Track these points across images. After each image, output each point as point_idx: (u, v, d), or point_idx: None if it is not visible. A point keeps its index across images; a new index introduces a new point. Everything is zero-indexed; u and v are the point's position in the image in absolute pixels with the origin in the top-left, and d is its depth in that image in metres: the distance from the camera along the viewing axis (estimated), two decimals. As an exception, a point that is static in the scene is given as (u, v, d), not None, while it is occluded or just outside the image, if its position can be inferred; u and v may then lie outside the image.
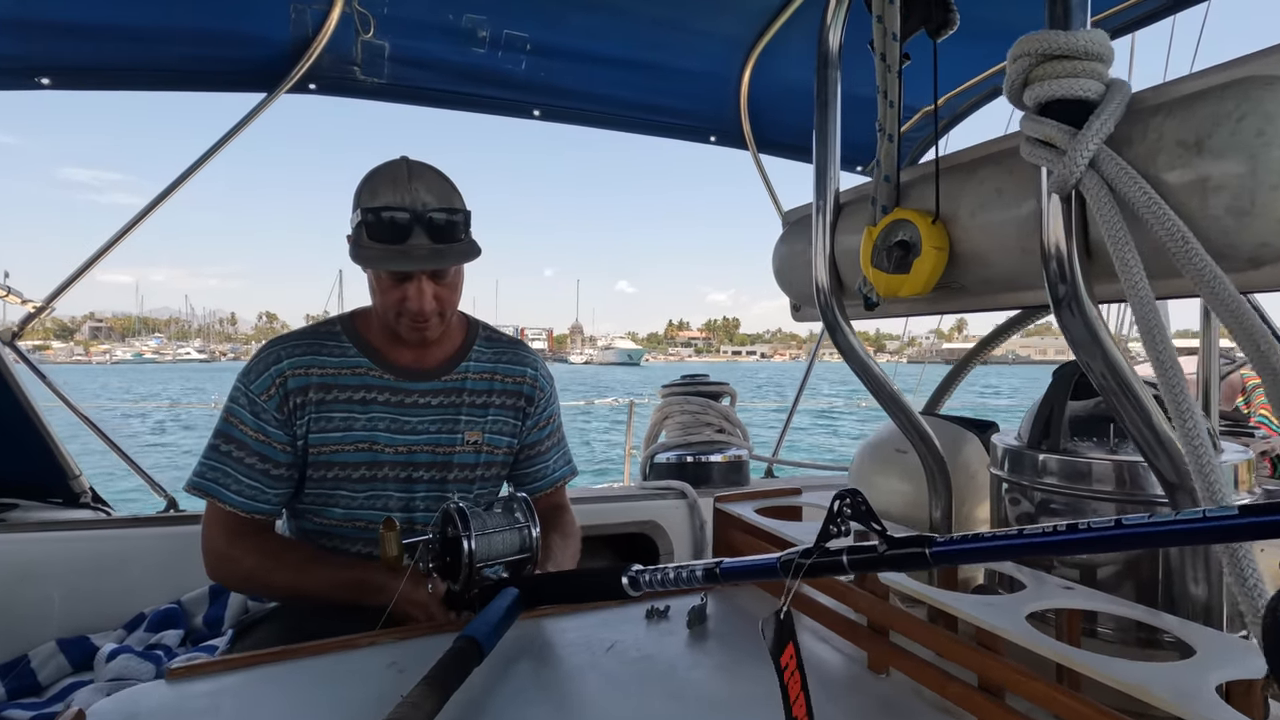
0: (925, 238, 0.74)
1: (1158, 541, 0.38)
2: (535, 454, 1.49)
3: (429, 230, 1.21)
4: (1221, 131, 0.52)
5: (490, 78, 2.35)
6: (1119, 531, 0.39)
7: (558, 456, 1.54)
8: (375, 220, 1.21)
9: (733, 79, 2.54)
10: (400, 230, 1.20)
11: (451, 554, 1.07)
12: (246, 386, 1.29)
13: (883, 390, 0.99)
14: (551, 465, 1.52)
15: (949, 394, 1.38)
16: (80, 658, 1.53)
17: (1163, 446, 0.67)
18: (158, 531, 1.80)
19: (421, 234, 1.21)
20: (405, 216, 1.20)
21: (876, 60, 0.83)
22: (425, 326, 1.29)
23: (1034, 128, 0.61)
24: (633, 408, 3.98)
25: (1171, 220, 0.51)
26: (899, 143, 0.83)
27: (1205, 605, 0.71)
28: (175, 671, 0.85)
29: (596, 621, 1.02)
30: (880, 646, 0.85)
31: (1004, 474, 0.92)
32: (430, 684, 0.74)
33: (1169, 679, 0.57)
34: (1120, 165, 0.55)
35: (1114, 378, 0.66)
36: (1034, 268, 0.68)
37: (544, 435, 1.50)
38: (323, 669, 0.89)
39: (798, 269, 1.05)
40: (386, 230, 1.20)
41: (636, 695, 0.81)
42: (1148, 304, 0.53)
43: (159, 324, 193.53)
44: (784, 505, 1.17)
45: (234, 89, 2.13)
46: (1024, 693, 0.66)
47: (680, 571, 0.72)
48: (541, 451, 1.50)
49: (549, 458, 1.51)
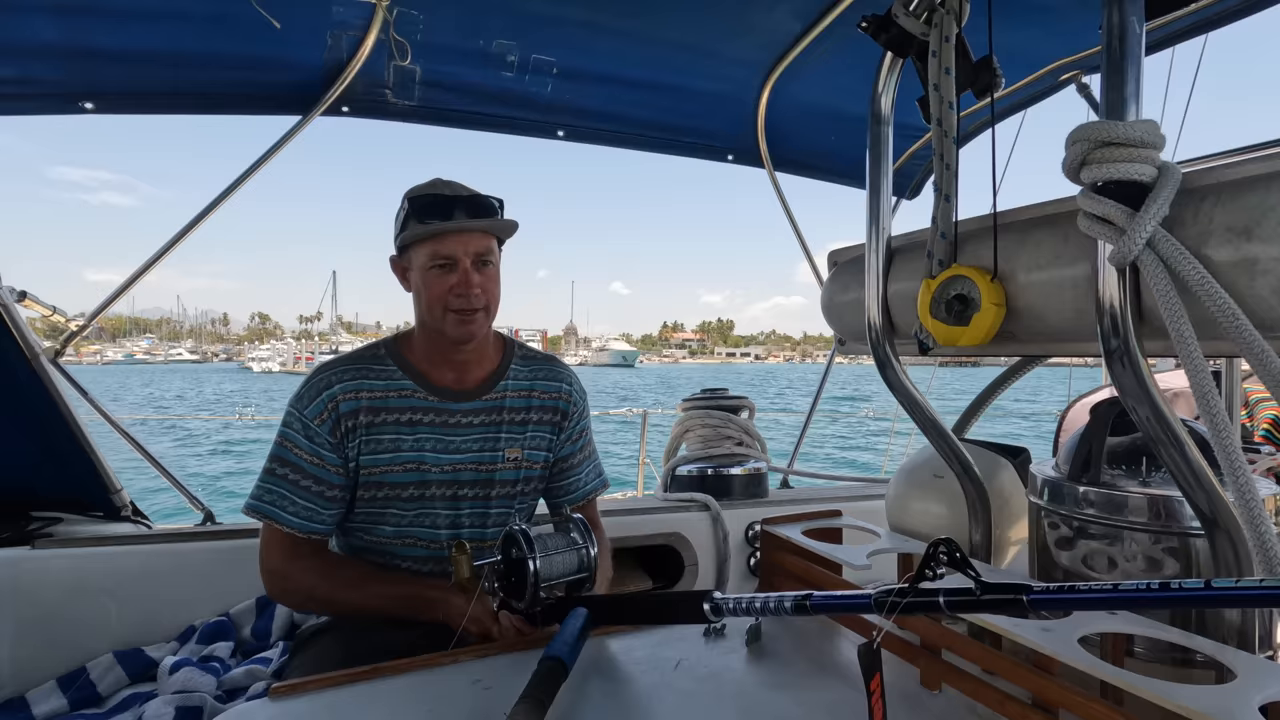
0: (985, 294, 0.81)
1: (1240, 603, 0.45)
2: (568, 467, 1.55)
3: (469, 209, 1.33)
4: (1269, 221, 0.59)
5: (517, 100, 2.42)
6: (1207, 593, 0.45)
7: (590, 469, 1.60)
8: (420, 202, 1.33)
9: (751, 101, 2.62)
10: (444, 206, 1.32)
11: (516, 574, 1.13)
12: (300, 411, 1.34)
13: (926, 420, 1.06)
14: (584, 478, 1.58)
15: (976, 418, 1.45)
16: (137, 669, 1.58)
17: (1200, 485, 0.74)
18: (200, 545, 1.85)
19: (463, 213, 1.32)
20: (447, 196, 1.33)
21: (933, 125, 0.90)
22: (472, 320, 1.35)
23: (1093, 205, 0.68)
24: (646, 418, 4.05)
25: (1223, 297, 0.58)
26: (956, 203, 0.90)
27: (1240, 630, 0.78)
28: (278, 690, 0.91)
29: (658, 639, 1.09)
30: (934, 665, 0.92)
31: (1044, 503, 0.99)
32: (529, 701, 0.80)
33: (1216, 700, 0.64)
34: (1175, 246, 0.62)
35: (1158, 423, 0.73)
36: (1086, 323, 0.75)
37: (577, 449, 1.56)
38: (412, 686, 0.95)
39: (847, 308, 1.12)
40: (431, 207, 1.32)
41: (711, 711, 0.87)
42: (1200, 369, 0.60)
43: (150, 324, 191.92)
44: (827, 527, 1.24)
45: (270, 112, 2.18)
46: (1079, 712, 0.73)
47: (768, 601, 0.78)
48: (574, 465, 1.56)
49: (581, 470, 1.57)
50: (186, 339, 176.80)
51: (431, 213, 1.31)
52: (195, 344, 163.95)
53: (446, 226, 1.30)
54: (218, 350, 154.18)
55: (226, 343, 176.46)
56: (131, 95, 2.05)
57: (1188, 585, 0.47)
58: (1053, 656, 0.75)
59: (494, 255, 1.38)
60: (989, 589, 0.58)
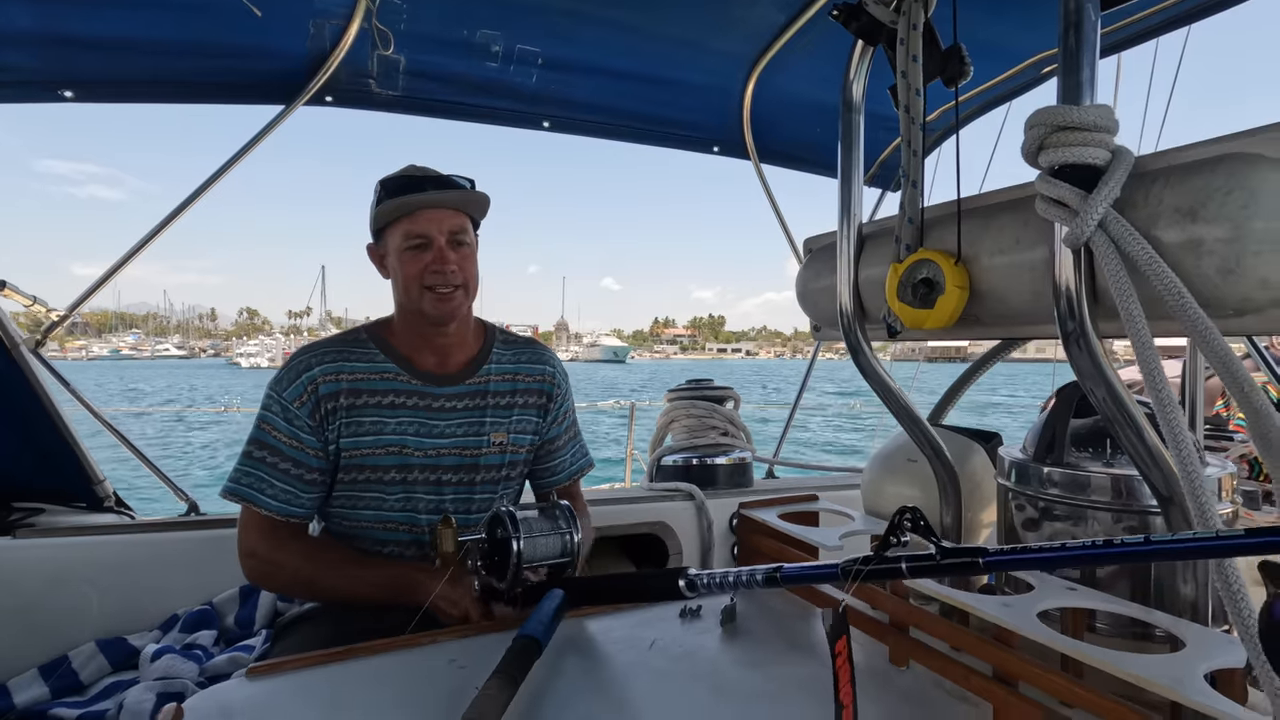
0: (949, 278, 0.83)
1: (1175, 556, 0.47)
2: (554, 449, 1.57)
3: (439, 184, 1.36)
4: (1213, 203, 0.60)
5: (502, 90, 2.42)
6: (1146, 548, 0.47)
7: (574, 450, 1.62)
8: (392, 183, 1.36)
9: (736, 93, 2.63)
10: (414, 183, 1.35)
11: (499, 554, 1.14)
12: (279, 394, 1.35)
13: (899, 406, 1.08)
14: (569, 459, 1.60)
15: (951, 406, 1.47)
16: (119, 658, 1.58)
17: (1156, 463, 0.76)
18: (184, 535, 1.85)
19: (433, 188, 1.35)
20: (417, 176, 1.36)
21: (901, 111, 0.92)
22: (450, 297, 1.36)
23: (1049, 188, 0.70)
24: (634, 410, 4.07)
25: (1169, 277, 0.60)
26: (922, 188, 0.92)
27: (1193, 603, 0.81)
28: (256, 669, 0.92)
29: (635, 620, 1.10)
30: (901, 642, 0.94)
31: (1011, 484, 1.01)
32: (502, 676, 0.81)
33: (1166, 669, 0.66)
34: (1125, 227, 0.63)
35: (1114, 403, 0.75)
36: (1045, 305, 0.76)
37: (562, 430, 1.57)
38: (390, 665, 0.96)
39: (820, 294, 1.13)
40: (402, 184, 1.35)
41: (685, 688, 0.89)
42: (1147, 346, 0.61)
43: (136, 319, 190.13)
44: (803, 510, 1.26)
45: (252, 101, 2.18)
46: (1038, 683, 0.75)
47: (740, 575, 0.80)
48: (559, 446, 1.57)
49: (566, 452, 1.59)
50: (173, 334, 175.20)
51: (403, 191, 1.34)
52: (182, 339, 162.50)
53: (418, 198, 1.33)
54: (205, 346, 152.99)
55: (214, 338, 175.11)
56: (111, 83, 2.04)
57: (1129, 541, 0.49)
58: (1013, 630, 0.77)
59: (468, 235, 1.40)
60: (948, 553, 0.60)
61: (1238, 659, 0.68)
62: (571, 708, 0.85)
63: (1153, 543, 0.48)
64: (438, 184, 1.37)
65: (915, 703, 0.86)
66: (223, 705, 0.85)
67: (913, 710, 0.84)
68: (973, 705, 0.84)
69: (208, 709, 0.84)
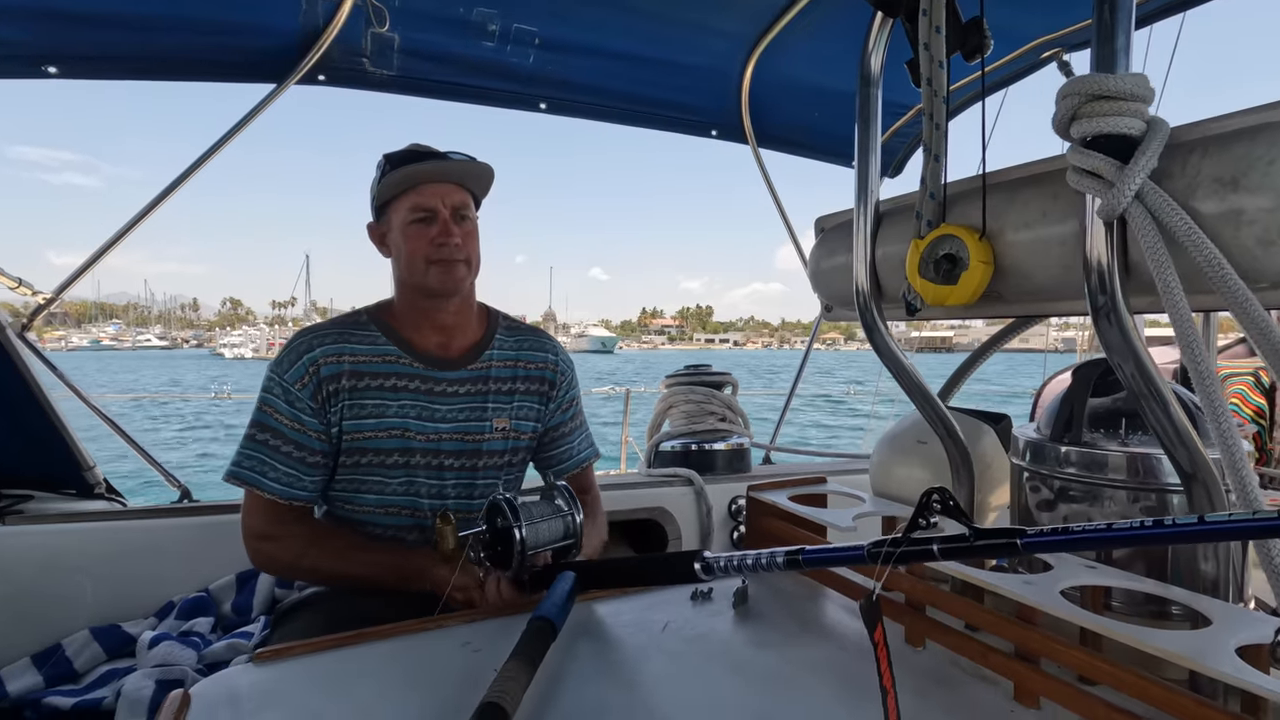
0: (973, 253, 0.82)
1: (1233, 536, 0.46)
2: (559, 436, 1.55)
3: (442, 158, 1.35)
4: (1255, 172, 0.59)
5: (498, 71, 2.38)
6: (1201, 528, 0.46)
7: (581, 439, 1.60)
8: (396, 157, 1.34)
9: (735, 75, 2.60)
10: (418, 157, 1.33)
11: (502, 543, 1.13)
12: (280, 376, 1.32)
13: (913, 384, 1.07)
14: (576, 447, 1.58)
15: (960, 385, 1.47)
16: (114, 645, 1.55)
17: (1182, 441, 0.75)
18: (177, 522, 1.82)
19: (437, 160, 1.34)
20: (421, 151, 1.35)
21: (923, 85, 0.90)
22: (454, 269, 1.35)
23: (1082, 159, 0.68)
24: (629, 396, 4.06)
25: (1209, 248, 0.59)
26: (945, 162, 0.90)
27: (1214, 580, 0.81)
28: (263, 654, 0.90)
29: (646, 603, 1.09)
30: (918, 621, 0.93)
31: (1025, 464, 1.00)
32: (520, 658, 0.80)
33: (1191, 643, 0.66)
34: (1163, 198, 0.62)
35: (1143, 379, 0.74)
36: (1073, 280, 0.75)
37: (567, 418, 1.56)
38: (399, 650, 0.94)
39: (834, 273, 1.12)
40: (406, 157, 1.33)
41: (700, 669, 0.88)
42: (1186, 320, 0.61)
43: (116, 309, 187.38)
44: (812, 493, 1.25)
45: (243, 79, 2.12)
46: (1060, 659, 0.75)
47: (760, 558, 0.78)
48: (565, 434, 1.56)
49: (573, 440, 1.57)
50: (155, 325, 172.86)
51: (406, 161, 1.33)
52: (164, 330, 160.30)
53: (423, 168, 1.32)
54: (188, 336, 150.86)
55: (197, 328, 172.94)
56: (97, 60, 1.98)
57: (1181, 522, 0.48)
58: (1035, 607, 0.76)
59: (471, 211, 1.40)
60: (982, 534, 0.59)
61: (1264, 634, 0.68)
62: (588, 689, 0.83)
63: (1208, 523, 0.46)
64: (442, 158, 1.36)
65: (933, 681, 0.85)
66: (230, 691, 0.83)
67: (931, 689, 0.83)
68: (991, 683, 0.84)
69: (215, 695, 0.82)
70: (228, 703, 0.80)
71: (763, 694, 0.83)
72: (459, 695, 0.79)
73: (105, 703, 1.37)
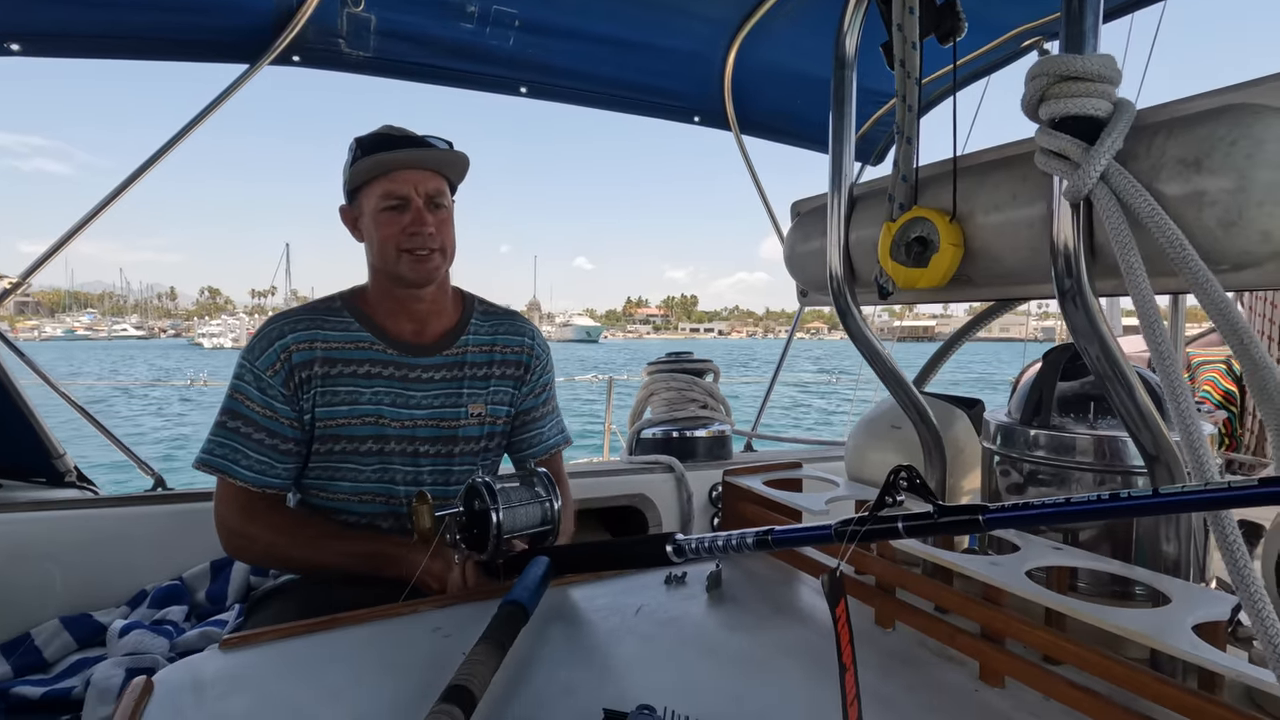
0: (944, 235, 0.82)
1: (1185, 508, 0.46)
2: (530, 420, 1.54)
3: (417, 145, 1.31)
4: (1217, 153, 0.60)
5: (477, 53, 2.34)
6: (1156, 500, 0.47)
7: (552, 424, 1.59)
8: (367, 140, 1.30)
9: (718, 60, 2.58)
10: (391, 141, 1.30)
11: (478, 526, 1.12)
12: (251, 363, 1.31)
13: (886, 370, 1.07)
14: (546, 432, 1.57)
15: (935, 372, 1.48)
16: (84, 634, 1.53)
17: (1146, 423, 0.76)
18: (150, 510, 1.80)
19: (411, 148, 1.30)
20: (395, 135, 1.31)
21: (896, 67, 0.90)
22: (428, 260, 1.33)
23: (1049, 141, 0.68)
24: (612, 384, 4.05)
25: (1171, 229, 0.59)
26: (917, 145, 0.90)
27: (1175, 561, 0.82)
28: (229, 641, 0.89)
29: (620, 588, 1.09)
30: (888, 604, 0.94)
31: (996, 447, 1.01)
32: (489, 642, 0.79)
33: (1151, 621, 0.67)
34: (1128, 179, 0.62)
35: (1107, 362, 0.75)
36: (1041, 263, 0.76)
37: (539, 402, 1.55)
38: (370, 635, 0.94)
39: (809, 257, 1.12)
40: (378, 142, 1.30)
41: (672, 652, 0.88)
42: (1148, 301, 0.61)
43: (91, 299, 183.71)
44: (787, 478, 1.26)
45: (215, 59, 2.08)
46: (1024, 639, 0.76)
47: (730, 539, 0.78)
48: (536, 419, 1.55)
49: (543, 425, 1.56)
50: (131, 314, 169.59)
51: (380, 149, 1.29)
52: (141, 319, 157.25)
53: (395, 157, 1.28)
54: (165, 326, 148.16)
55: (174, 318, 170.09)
56: (63, 37, 1.93)
57: (1136, 494, 0.48)
58: (1001, 587, 0.77)
59: (446, 198, 1.36)
60: (946, 511, 0.59)
61: (1221, 612, 0.69)
62: (559, 671, 0.83)
63: (1162, 495, 0.47)
64: (415, 144, 1.32)
65: (900, 661, 0.86)
66: (195, 678, 0.82)
67: (898, 668, 0.84)
68: (958, 663, 0.85)
69: (179, 681, 0.81)
70: (192, 689, 0.79)
71: (735, 676, 0.83)
72: (429, 679, 0.78)
73: (75, 692, 1.35)
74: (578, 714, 0.72)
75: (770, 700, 0.77)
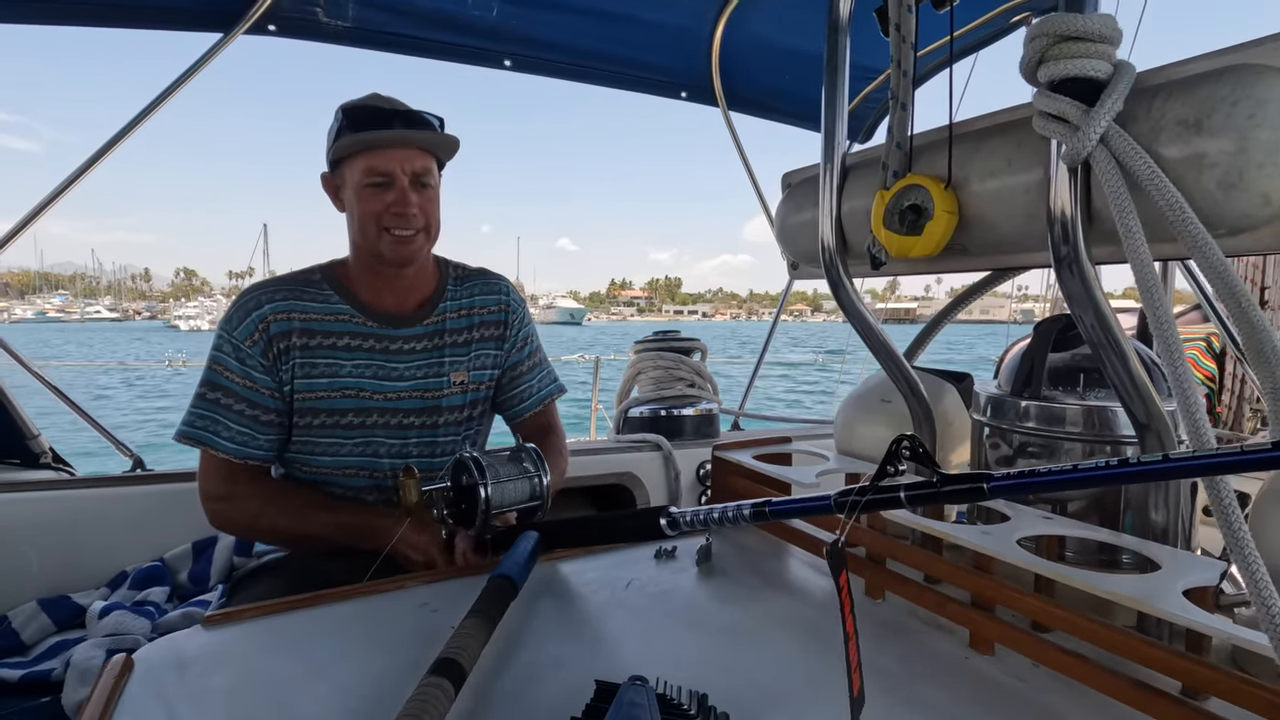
0: (938, 202, 0.81)
1: (1193, 473, 0.46)
2: (518, 374, 1.51)
3: (407, 122, 1.26)
4: (1218, 113, 0.59)
5: (460, 24, 2.28)
6: (1166, 465, 0.46)
7: (542, 375, 1.56)
8: (355, 113, 1.25)
9: (706, 35, 2.55)
10: (381, 117, 1.24)
11: (467, 501, 1.11)
12: (230, 333, 1.28)
13: (878, 342, 1.07)
14: (537, 384, 1.54)
15: (926, 345, 1.48)
16: (63, 616, 1.50)
17: (1138, 392, 0.76)
18: (129, 490, 1.76)
19: (401, 124, 1.25)
20: (384, 109, 1.25)
21: (891, 32, 0.88)
22: (411, 241, 1.30)
23: (1048, 103, 0.67)
24: (599, 364, 4.03)
25: (1171, 192, 0.58)
26: (912, 112, 0.89)
27: (1163, 530, 0.82)
28: (212, 618, 0.88)
29: (610, 562, 1.08)
30: (878, 574, 0.94)
31: (986, 419, 1.01)
32: (479, 615, 0.78)
33: (1140, 587, 0.67)
34: (1128, 141, 0.61)
35: (1102, 330, 0.74)
36: (1037, 230, 0.75)
37: (524, 355, 1.52)
38: (356, 611, 0.92)
39: (800, 229, 1.10)
40: (367, 116, 1.24)
41: (662, 625, 0.88)
42: (1146, 266, 0.60)
43: (63, 280, 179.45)
44: (777, 452, 1.25)
45: (186, 27, 2.01)
46: (1014, 606, 0.76)
47: (725, 511, 0.78)
48: (524, 372, 1.52)
49: (532, 377, 1.54)
50: (105, 296, 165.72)
51: (367, 123, 1.23)
52: (115, 301, 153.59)
53: (383, 136, 1.23)
54: (140, 308, 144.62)
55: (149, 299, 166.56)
56: (27, 1, 1.85)
57: (1145, 460, 0.48)
58: (992, 555, 0.77)
59: (433, 177, 1.32)
60: (949, 480, 0.58)
61: (1210, 578, 0.70)
62: (548, 645, 0.83)
63: (1172, 460, 0.46)
64: (406, 120, 1.26)
65: (891, 631, 0.86)
66: (177, 655, 0.80)
67: (889, 638, 0.84)
68: (948, 632, 0.85)
69: (160, 659, 0.79)
70: (174, 666, 0.78)
71: (726, 647, 0.83)
72: (417, 654, 0.77)
73: (55, 674, 1.32)
74: (568, 686, 0.72)
75: (761, 670, 0.77)
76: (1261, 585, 0.50)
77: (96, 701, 0.69)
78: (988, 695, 0.72)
